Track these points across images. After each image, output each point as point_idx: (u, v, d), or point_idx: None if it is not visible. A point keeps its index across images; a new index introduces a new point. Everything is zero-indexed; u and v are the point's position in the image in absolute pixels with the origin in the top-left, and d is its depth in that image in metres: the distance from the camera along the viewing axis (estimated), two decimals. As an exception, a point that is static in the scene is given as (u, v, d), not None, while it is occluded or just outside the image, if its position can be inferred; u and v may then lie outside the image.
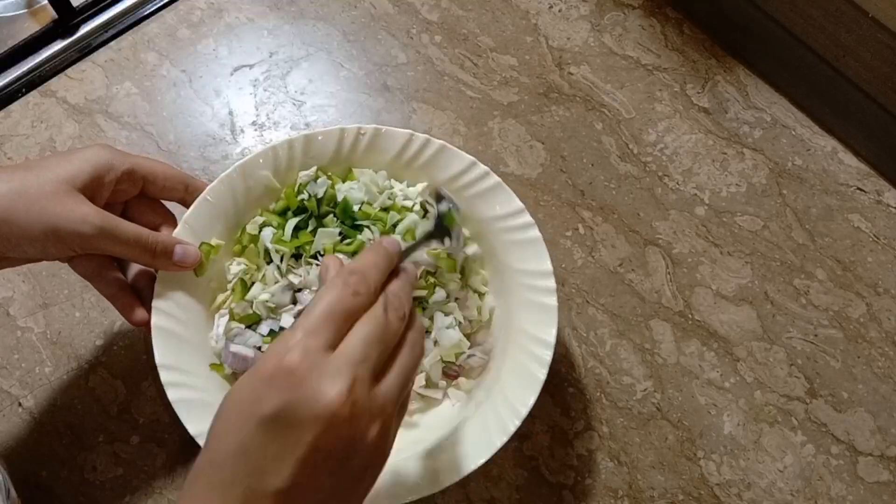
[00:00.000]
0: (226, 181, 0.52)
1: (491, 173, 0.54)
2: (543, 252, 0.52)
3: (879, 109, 0.64)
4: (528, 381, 0.49)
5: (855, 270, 0.62)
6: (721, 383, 0.58)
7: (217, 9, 0.70)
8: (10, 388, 0.56)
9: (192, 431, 0.46)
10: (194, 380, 0.49)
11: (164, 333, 0.49)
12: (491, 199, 0.54)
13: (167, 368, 0.48)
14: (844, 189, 0.65)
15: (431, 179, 0.55)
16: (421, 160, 0.55)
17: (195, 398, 0.48)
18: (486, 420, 0.49)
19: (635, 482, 0.55)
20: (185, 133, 0.65)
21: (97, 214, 0.46)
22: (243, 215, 0.54)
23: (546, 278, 0.51)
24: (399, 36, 0.70)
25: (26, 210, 0.43)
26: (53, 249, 0.46)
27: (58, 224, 0.44)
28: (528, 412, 0.48)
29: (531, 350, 0.50)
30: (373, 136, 0.54)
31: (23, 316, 0.58)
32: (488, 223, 0.54)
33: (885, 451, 0.56)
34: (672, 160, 0.66)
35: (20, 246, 0.44)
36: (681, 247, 0.62)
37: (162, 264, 0.49)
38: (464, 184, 0.54)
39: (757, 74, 0.69)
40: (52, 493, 0.53)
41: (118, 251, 0.47)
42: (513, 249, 0.53)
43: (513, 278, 0.53)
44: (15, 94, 0.66)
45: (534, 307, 0.51)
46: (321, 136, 0.54)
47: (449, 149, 0.54)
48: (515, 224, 0.53)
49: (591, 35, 0.71)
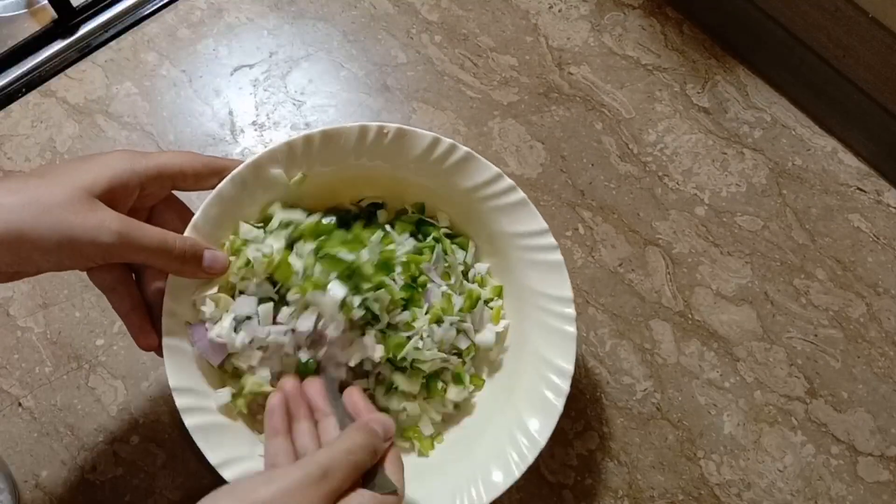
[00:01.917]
0: (237, 178, 0.48)
1: (517, 188, 0.51)
2: (565, 277, 0.51)
3: (879, 109, 0.64)
4: (545, 410, 0.48)
5: (855, 270, 0.62)
6: (721, 383, 0.58)
7: (217, 9, 0.70)
8: (10, 388, 0.56)
9: (214, 462, 0.45)
10: (208, 401, 0.47)
11: (177, 354, 0.46)
12: (514, 214, 0.52)
13: (182, 392, 0.45)
14: (844, 189, 0.65)
15: (453, 186, 0.53)
16: (445, 166, 0.52)
17: (211, 423, 0.46)
18: (503, 449, 0.48)
19: (635, 482, 0.55)
20: (185, 133, 0.65)
21: (116, 220, 0.41)
22: (256, 213, 0.51)
23: (566, 305, 0.50)
24: (399, 36, 0.70)
25: (38, 221, 0.39)
26: (69, 262, 0.42)
27: (73, 234, 0.40)
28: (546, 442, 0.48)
29: (548, 377, 0.49)
30: (396, 136, 0.51)
31: (23, 316, 0.58)
32: (509, 239, 0.52)
33: (885, 451, 0.56)
34: (672, 160, 0.66)
35: (32, 259, 0.41)
36: (681, 247, 0.62)
37: (191, 271, 0.46)
38: (487, 195, 0.52)
39: (757, 74, 0.69)
40: (52, 493, 0.53)
41: (142, 258, 0.43)
42: (533, 270, 0.52)
43: (531, 300, 0.52)
44: (15, 94, 0.66)
45: (552, 333, 0.50)
46: (341, 133, 0.50)
47: (475, 157, 0.52)
48: (538, 244, 0.51)
49: (591, 35, 0.71)
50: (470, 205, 0.53)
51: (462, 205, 0.54)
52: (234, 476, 0.45)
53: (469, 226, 0.55)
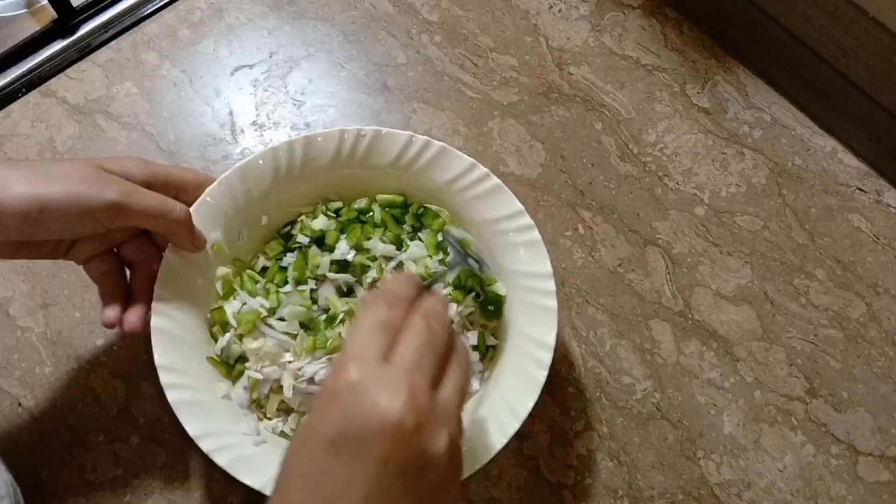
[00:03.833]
0: (225, 183, 0.52)
1: (491, 175, 0.53)
2: (543, 254, 0.52)
3: (879, 109, 0.64)
4: (528, 383, 0.49)
5: (855, 270, 0.62)
6: (721, 383, 0.58)
7: (217, 9, 0.70)
8: (10, 388, 0.56)
9: (192, 432, 0.46)
10: (193, 381, 0.49)
11: (164, 334, 0.49)
12: (491, 201, 0.53)
13: (166, 369, 0.48)
14: (844, 189, 0.65)
15: (432, 182, 0.55)
16: (421, 162, 0.54)
17: (194, 399, 0.48)
18: (486, 422, 0.49)
19: (635, 482, 0.55)
20: (186, 133, 0.65)
21: (121, 182, 0.45)
22: (242, 217, 0.54)
23: (546, 280, 0.51)
24: (399, 36, 0.70)
25: (49, 185, 0.42)
26: (78, 223, 0.44)
27: (80, 192, 0.43)
28: (528, 414, 0.48)
29: (530, 352, 0.50)
30: (373, 138, 0.54)
31: (23, 316, 0.58)
32: (488, 225, 0.54)
33: (885, 451, 0.56)
34: (672, 160, 0.66)
35: (43, 222, 0.43)
36: (681, 247, 0.62)
37: (184, 236, 0.48)
38: (464, 186, 0.54)
39: (757, 74, 0.69)
40: (52, 493, 0.53)
41: (143, 220, 0.46)
42: (512, 251, 0.53)
43: (512, 280, 0.53)
44: (15, 94, 0.66)
45: (533, 309, 0.51)
46: (321, 138, 0.54)
47: (449, 151, 0.54)
48: (515, 226, 0.53)
49: (590, 35, 0.71)
50: (450, 197, 0.55)
51: (441, 200, 0.55)
52: (212, 448, 0.46)
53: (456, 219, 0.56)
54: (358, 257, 0.53)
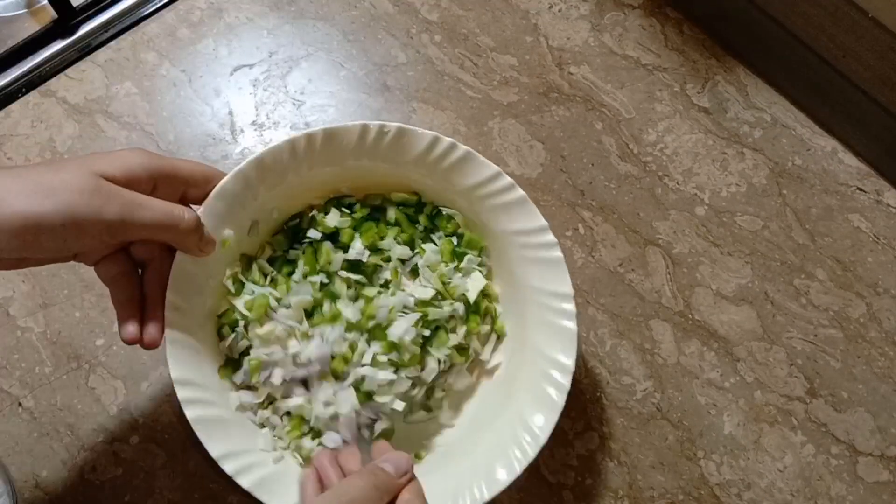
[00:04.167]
0: (240, 176, 0.50)
1: (516, 186, 0.52)
2: (565, 273, 0.51)
3: (879, 109, 0.64)
4: (547, 406, 0.48)
5: (855, 270, 0.62)
6: (721, 383, 0.58)
7: (217, 9, 0.70)
8: (10, 388, 0.56)
9: (215, 454, 0.45)
10: (209, 393, 0.48)
11: (178, 345, 0.47)
12: (513, 212, 0.52)
13: (183, 384, 0.46)
14: (844, 189, 0.65)
15: (452, 185, 0.53)
16: (444, 164, 0.53)
17: (212, 416, 0.47)
18: (504, 444, 0.48)
19: (635, 482, 0.55)
20: (185, 133, 0.65)
21: (121, 194, 0.41)
22: (254, 211, 0.52)
23: (567, 301, 0.50)
24: (399, 36, 0.70)
25: (42, 203, 0.39)
26: (75, 242, 0.41)
27: (76, 211, 0.39)
28: (547, 437, 0.48)
29: (549, 374, 0.49)
30: (396, 135, 0.52)
31: (23, 316, 0.58)
32: (508, 237, 0.52)
33: (885, 451, 0.56)
34: (672, 160, 0.66)
35: (39, 243, 0.40)
36: (681, 247, 0.62)
37: (193, 243, 0.46)
38: (486, 193, 0.52)
39: (757, 74, 0.69)
40: (52, 493, 0.53)
41: (147, 233, 0.43)
42: (532, 267, 0.52)
43: (530, 296, 0.52)
44: (15, 94, 0.66)
45: (552, 329, 0.50)
46: (342, 132, 0.51)
47: (474, 156, 0.52)
48: (538, 242, 0.51)
49: (591, 35, 0.71)
50: (470, 204, 0.53)
51: (462, 204, 0.54)
52: (235, 470, 0.45)
53: (470, 225, 0.55)
54: (372, 258, 0.52)
